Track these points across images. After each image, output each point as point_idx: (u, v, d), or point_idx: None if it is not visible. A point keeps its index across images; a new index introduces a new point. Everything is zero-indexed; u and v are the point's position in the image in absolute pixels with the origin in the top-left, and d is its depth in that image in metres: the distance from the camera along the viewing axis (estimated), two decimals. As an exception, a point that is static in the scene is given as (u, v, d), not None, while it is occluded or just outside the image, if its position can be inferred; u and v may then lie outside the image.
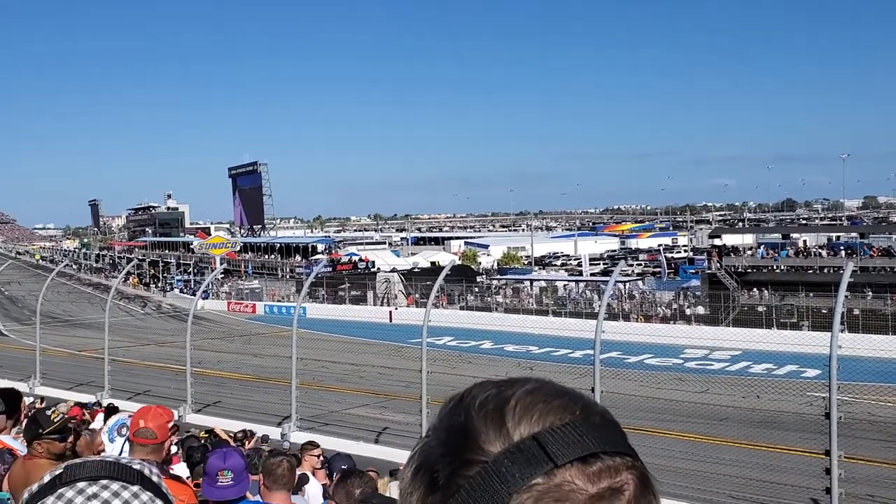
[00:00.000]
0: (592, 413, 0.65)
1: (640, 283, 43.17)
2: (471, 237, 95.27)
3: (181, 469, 6.20)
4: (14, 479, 3.53)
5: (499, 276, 50.74)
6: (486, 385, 0.69)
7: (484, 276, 50.49)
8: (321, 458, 7.18)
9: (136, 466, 1.01)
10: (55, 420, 3.73)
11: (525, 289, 43.40)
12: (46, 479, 0.99)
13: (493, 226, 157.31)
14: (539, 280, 46.32)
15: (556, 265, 66.86)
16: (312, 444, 7.38)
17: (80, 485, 0.95)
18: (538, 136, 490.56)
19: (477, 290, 43.19)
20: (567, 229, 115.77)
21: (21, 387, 18.94)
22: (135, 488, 0.96)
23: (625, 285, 38.42)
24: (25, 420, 4.57)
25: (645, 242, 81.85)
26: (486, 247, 78.56)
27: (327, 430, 15.58)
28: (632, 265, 55.85)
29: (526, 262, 67.88)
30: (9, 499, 3.07)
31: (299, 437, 13.31)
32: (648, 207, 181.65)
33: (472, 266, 57.35)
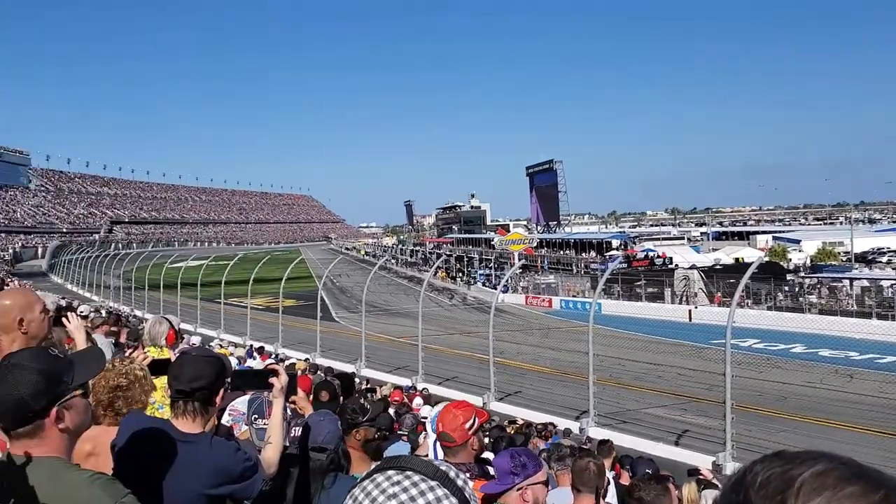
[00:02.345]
0: None
1: None
2: (779, 231, 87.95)
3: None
4: None
5: (812, 274, 46.30)
6: (773, 461, 0.63)
7: (795, 274, 46.46)
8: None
9: (443, 468, 1.22)
10: (367, 408, 3.96)
11: (843, 288, 39.01)
12: (372, 466, 1.25)
13: (806, 218, 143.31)
14: (861, 279, 41.37)
15: (881, 262, 59.17)
16: (608, 444, 7.43)
17: (390, 472, 1.18)
18: (856, 119, 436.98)
19: (787, 288, 39.83)
20: (894, 222, 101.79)
21: (349, 368, 21.52)
22: (433, 483, 1.16)
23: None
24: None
25: None
26: (798, 242, 72.00)
27: (624, 427, 15.53)
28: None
29: (844, 259, 61.03)
30: None
31: (597, 433, 13.48)
32: None
33: (781, 263, 52.99)
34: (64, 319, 3.82)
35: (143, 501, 2.00)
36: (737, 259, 54.09)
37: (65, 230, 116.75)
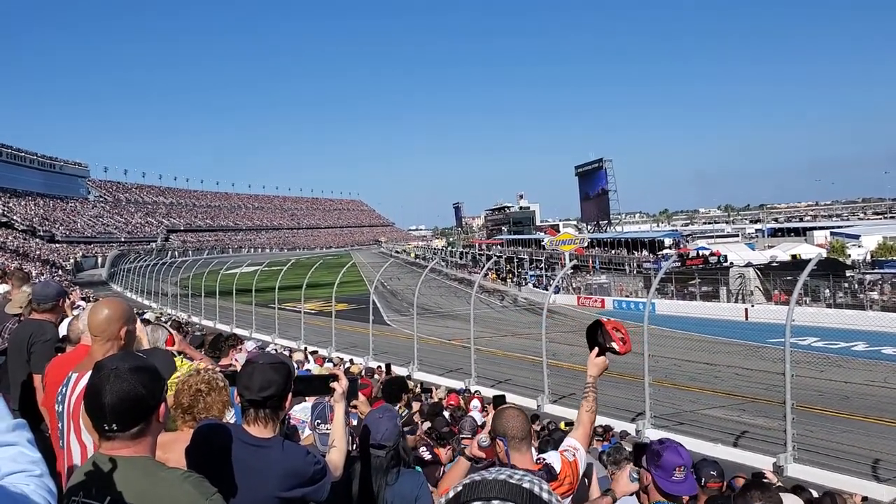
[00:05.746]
0: None
1: None
2: (837, 227, 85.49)
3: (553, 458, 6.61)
4: None
5: (873, 270, 44.91)
6: None
7: (855, 271, 45.15)
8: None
9: (527, 485, 1.13)
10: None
11: (907, 284, 37.82)
12: (451, 494, 1.17)
13: (865, 213, 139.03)
14: (926, 274, 39.97)
15: (948, 256, 57.04)
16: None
17: None
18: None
19: (846, 285, 38.74)
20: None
21: (403, 371, 21.65)
22: None
23: None
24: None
25: None
26: (857, 237, 69.83)
27: (682, 429, 15.30)
28: None
29: (908, 254, 59.06)
30: None
31: (654, 435, 13.32)
32: None
33: (840, 259, 51.54)
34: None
35: (221, 505, 2.09)
36: (793, 256, 52.84)
37: (123, 239, 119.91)
